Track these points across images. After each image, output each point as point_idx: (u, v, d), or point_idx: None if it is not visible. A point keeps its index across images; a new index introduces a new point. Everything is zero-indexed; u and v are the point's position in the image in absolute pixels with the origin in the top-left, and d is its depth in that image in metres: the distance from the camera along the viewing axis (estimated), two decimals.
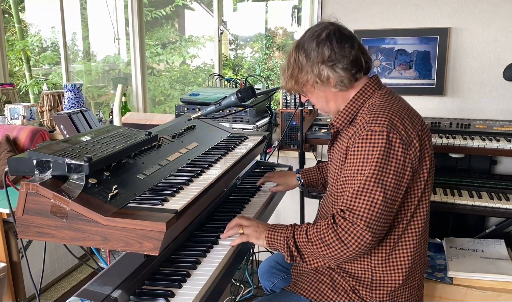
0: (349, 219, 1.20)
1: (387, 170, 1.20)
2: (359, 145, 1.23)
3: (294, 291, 1.43)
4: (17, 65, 5.39)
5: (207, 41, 5.27)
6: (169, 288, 1.13)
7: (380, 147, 1.20)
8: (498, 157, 2.45)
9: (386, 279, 1.34)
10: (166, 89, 5.38)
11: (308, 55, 1.32)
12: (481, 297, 1.80)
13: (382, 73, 2.66)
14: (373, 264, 1.33)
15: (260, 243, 1.34)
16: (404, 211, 1.30)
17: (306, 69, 1.33)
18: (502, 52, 2.45)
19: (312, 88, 1.37)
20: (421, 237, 1.35)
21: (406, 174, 1.22)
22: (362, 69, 1.34)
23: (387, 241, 1.31)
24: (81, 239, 1.06)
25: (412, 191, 1.29)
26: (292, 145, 2.64)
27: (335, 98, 1.38)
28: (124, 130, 1.44)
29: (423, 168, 1.28)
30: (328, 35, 1.31)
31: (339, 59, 1.29)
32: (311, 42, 1.32)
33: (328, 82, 1.33)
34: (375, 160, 1.20)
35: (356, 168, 1.23)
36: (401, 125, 1.22)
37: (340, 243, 1.20)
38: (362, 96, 1.36)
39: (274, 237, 1.31)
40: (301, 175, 1.80)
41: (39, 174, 1.10)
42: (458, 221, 2.43)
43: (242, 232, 1.35)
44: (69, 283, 2.68)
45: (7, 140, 2.73)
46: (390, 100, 1.31)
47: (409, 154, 1.22)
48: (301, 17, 3.61)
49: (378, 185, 1.19)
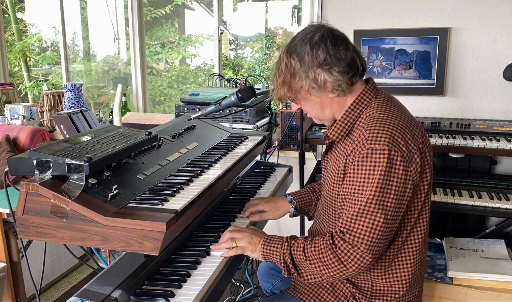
0: (349, 241, 1.17)
1: (389, 191, 1.16)
2: (360, 164, 1.19)
3: (293, 295, 1.42)
4: (16, 65, 5.39)
5: (205, 40, 5.27)
6: (169, 288, 1.13)
7: (382, 167, 1.15)
8: (498, 157, 2.45)
9: (387, 290, 1.32)
10: (164, 88, 5.38)
11: (302, 59, 1.24)
12: (481, 297, 1.80)
13: (382, 73, 2.66)
14: (372, 276, 1.32)
15: (256, 255, 1.30)
16: (404, 224, 1.27)
17: (300, 74, 1.24)
18: (502, 52, 2.45)
19: (307, 95, 1.29)
20: (421, 247, 1.32)
21: (407, 191, 1.19)
22: (358, 73, 1.28)
23: (387, 253, 1.29)
24: (81, 239, 1.05)
25: (413, 205, 1.26)
26: (292, 145, 2.64)
27: (331, 105, 1.31)
28: (124, 130, 1.44)
29: (424, 181, 1.25)
30: (322, 38, 1.23)
31: (335, 63, 1.22)
32: (303, 45, 1.24)
33: (325, 87, 1.25)
34: (376, 180, 1.15)
35: (356, 188, 1.19)
36: (402, 141, 1.18)
37: (339, 264, 1.18)
38: (359, 105, 1.29)
39: (270, 251, 1.28)
40: (292, 197, 1.63)
41: (39, 174, 1.10)
42: (458, 221, 2.43)
43: (235, 245, 1.30)
44: (69, 283, 2.68)
45: (7, 140, 2.73)
46: (389, 112, 1.25)
47: (410, 170, 1.18)
48: (301, 17, 3.61)
49: (379, 206, 1.15)
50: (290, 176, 2.07)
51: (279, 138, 2.66)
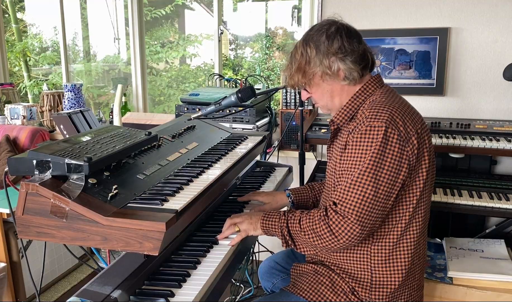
0: (340, 212, 1.22)
1: (382, 165, 1.21)
2: (357, 139, 1.24)
3: (293, 292, 1.42)
4: (16, 65, 5.39)
5: (205, 39, 5.27)
6: (169, 288, 1.13)
7: (377, 142, 1.21)
8: (498, 157, 2.45)
9: (385, 280, 1.33)
10: (164, 88, 5.37)
11: (318, 47, 1.32)
12: (481, 297, 1.80)
13: (382, 73, 2.66)
14: (373, 265, 1.33)
15: (258, 233, 1.37)
16: (403, 212, 1.30)
17: (315, 61, 1.33)
18: (502, 52, 2.45)
19: (320, 81, 1.36)
20: (420, 238, 1.35)
21: (402, 171, 1.23)
22: (368, 66, 1.36)
23: (387, 241, 1.31)
24: (81, 239, 1.06)
25: (411, 191, 1.28)
26: (292, 145, 2.64)
27: (341, 93, 1.37)
28: (124, 130, 1.44)
29: (422, 167, 1.28)
30: (337, 30, 1.32)
31: (349, 52, 1.31)
32: (320, 35, 1.33)
33: (338, 74, 1.33)
34: (370, 154, 1.21)
35: (352, 162, 1.25)
36: (400, 121, 1.23)
37: (331, 234, 1.23)
38: (364, 93, 1.37)
39: (269, 225, 1.35)
40: (291, 192, 1.70)
41: (39, 174, 1.10)
42: (458, 221, 2.43)
43: (238, 230, 1.37)
44: (69, 283, 2.69)
45: (7, 140, 2.73)
46: (392, 98, 1.33)
47: (406, 150, 1.22)
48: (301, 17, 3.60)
49: (371, 179, 1.20)
50: (290, 176, 2.07)
51: (279, 138, 2.67)
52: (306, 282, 1.42)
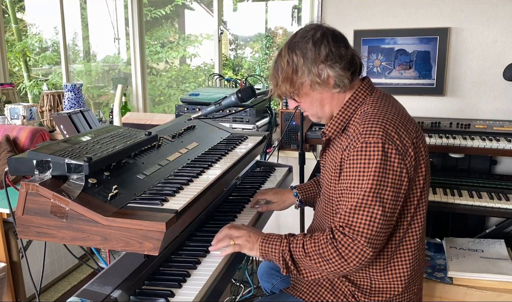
0: (349, 235, 1.17)
1: (385, 183, 1.17)
2: (355, 158, 1.20)
3: (293, 294, 1.42)
4: (16, 65, 5.39)
5: (205, 39, 5.27)
6: (169, 288, 1.13)
7: (377, 160, 1.16)
8: (498, 157, 2.45)
9: (385, 287, 1.32)
10: (164, 88, 5.37)
11: (305, 55, 1.26)
12: (481, 297, 1.80)
13: (382, 73, 2.66)
14: (371, 273, 1.32)
15: (254, 254, 1.30)
16: (401, 220, 1.28)
17: (303, 70, 1.27)
18: (502, 52, 2.45)
19: (309, 90, 1.30)
20: (419, 243, 1.33)
21: (404, 184, 1.19)
22: (357, 70, 1.31)
23: (385, 250, 1.29)
24: (81, 239, 1.05)
25: (409, 200, 1.26)
26: (292, 145, 2.64)
27: (331, 101, 1.32)
28: (124, 130, 1.44)
29: (419, 176, 1.25)
30: (323, 35, 1.26)
31: (337, 59, 1.25)
32: (306, 42, 1.27)
33: (328, 82, 1.27)
34: (371, 173, 1.16)
35: (353, 182, 1.20)
36: (395, 135, 1.19)
37: (340, 258, 1.18)
38: (354, 102, 1.32)
39: (268, 248, 1.27)
40: (298, 190, 1.68)
41: (39, 174, 1.10)
42: (458, 221, 2.43)
43: (233, 243, 1.30)
44: (69, 283, 2.68)
45: (7, 140, 2.73)
46: (383, 108, 1.27)
47: (405, 163, 1.19)
48: (301, 17, 3.61)
49: (376, 199, 1.16)
50: (290, 175, 2.07)
51: (279, 138, 2.66)
52: (306, 284, 1.41)
